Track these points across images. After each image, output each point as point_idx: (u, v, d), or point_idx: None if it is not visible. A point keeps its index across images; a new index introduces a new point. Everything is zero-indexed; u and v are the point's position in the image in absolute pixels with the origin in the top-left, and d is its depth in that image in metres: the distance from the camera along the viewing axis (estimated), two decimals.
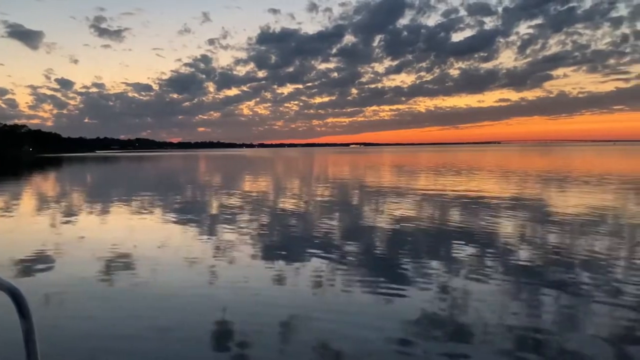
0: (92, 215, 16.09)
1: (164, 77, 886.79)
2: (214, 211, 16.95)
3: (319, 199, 20.43)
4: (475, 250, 10.21)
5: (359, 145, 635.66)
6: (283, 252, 10.23)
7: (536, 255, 9.71)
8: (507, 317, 6.34)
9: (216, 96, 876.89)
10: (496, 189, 23.43)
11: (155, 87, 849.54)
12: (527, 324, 6.06)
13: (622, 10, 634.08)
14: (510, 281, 7.93)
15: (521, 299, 7.05)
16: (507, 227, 12.96)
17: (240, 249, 10.55)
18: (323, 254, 9.97)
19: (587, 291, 7.31)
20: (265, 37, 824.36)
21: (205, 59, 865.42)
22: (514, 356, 5.21)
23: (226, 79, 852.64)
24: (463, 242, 10.95)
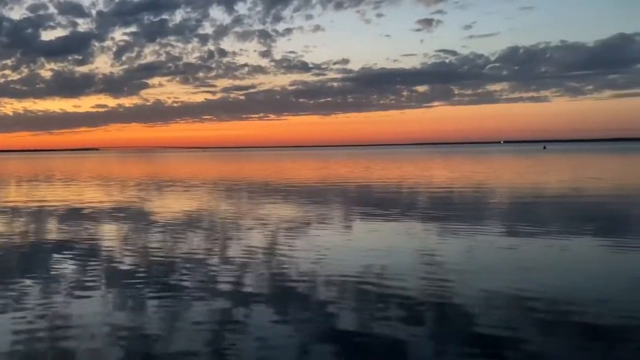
0: None
1: None
2: None
3: None
4: (78, 262, 10.09)
5: None
6: None
7: (140, 260, 10.23)
8: (117, 329, 6.41)
9: None
10: (94, 197, 23.29)
11: None
12: (137, 331, 6.37)
13: (208, 28, 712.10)
14: (118, 289, 8.14)
15: (131, 305, 7.33)
16: (108, 235, 13.20)
17: None
18: None
19: (191, 290, 8.17)
20: None
21: None
22: None
23: None
24: (63, 256, 10.67)
